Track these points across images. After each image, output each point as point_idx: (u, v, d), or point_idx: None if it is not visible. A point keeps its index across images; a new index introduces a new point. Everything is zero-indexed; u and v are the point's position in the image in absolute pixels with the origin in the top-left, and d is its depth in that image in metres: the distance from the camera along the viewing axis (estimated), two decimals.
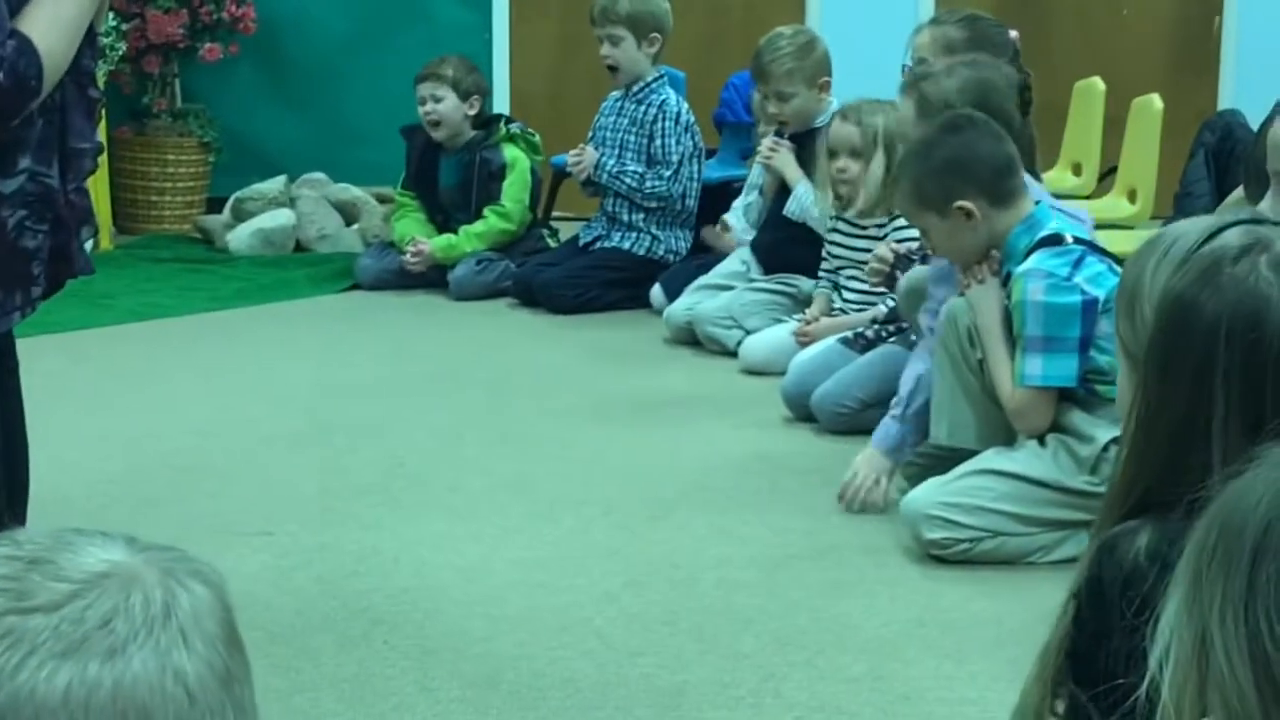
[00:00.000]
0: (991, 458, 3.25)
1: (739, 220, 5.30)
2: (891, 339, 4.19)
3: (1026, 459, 3.20)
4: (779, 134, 5.03)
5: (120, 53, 6.21)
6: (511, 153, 5.81)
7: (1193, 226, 1.58)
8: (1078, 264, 3.18)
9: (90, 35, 2.61)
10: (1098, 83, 5.85)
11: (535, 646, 2.72)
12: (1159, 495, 1.48)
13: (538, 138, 5.91)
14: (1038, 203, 3.34)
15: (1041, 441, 3.21)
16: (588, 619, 2.85)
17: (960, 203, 3.26)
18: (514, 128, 5.88)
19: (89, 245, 2.82)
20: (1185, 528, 1.30)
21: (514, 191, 5.79)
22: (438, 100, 5.77)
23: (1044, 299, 3.14)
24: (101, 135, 2.86)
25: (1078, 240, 3.24)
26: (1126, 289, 1.65)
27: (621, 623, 2.84)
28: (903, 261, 4.16)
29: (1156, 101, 5.30)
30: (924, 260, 4.08)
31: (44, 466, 2.73)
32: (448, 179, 5.86)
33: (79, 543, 0.84)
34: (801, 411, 4.15)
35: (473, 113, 5.83)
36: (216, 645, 0.84)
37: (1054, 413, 3.21)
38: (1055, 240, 3.22)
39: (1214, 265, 1.49)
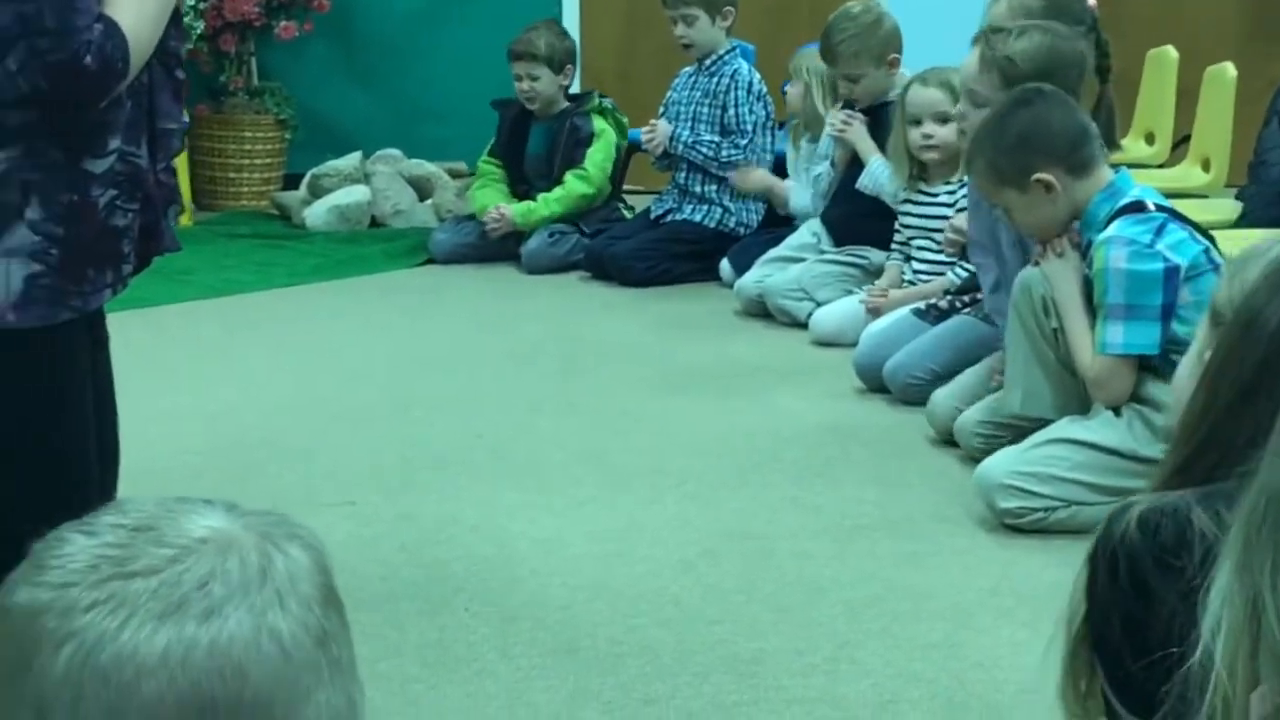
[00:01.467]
0: (1066, 426, 3.26)
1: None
2: (965, 310, 4.20)
3: (1101, 428, 3.21)
4: (850, 106, 5.04)
5: (198, 31, 6.29)
6: (599, 124, 5.85)
7: None
8: (1160, 231, 3.17)
9: (176, 17, 2.67)
10: (1170, 51, 5.81)
11: (613, 615, 2.77)
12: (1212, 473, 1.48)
13: (626, 119, 5.94)
14: (1117, 170, 3.33)
15: (1117, 411, 3.21)
16: (664, 588, 2.89)
17: (1038, 176, 3.25)
18: (606, 102, 5.93)
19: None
20: (1185, 499, 1.33)
21: (598, 157, 5.83)
22: (534, 79, 5.82)
23: (1126, 266, 3.14)
24: None
25: (1159, 207, 3.24)
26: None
27: (698, 592, 2.88)
28: None
29: (1230, 70, 5.26)
30: None
31: (129, 440, 2.79)
32: (536, 145, 5.91)
33: (181, 510, 0.88)
34: (874, 382, 4.17)
35: (566, 83, 5.89)
36: (312, 606, 0.87)
37: (1134, 381, 3.21)
38: (1137, 207, 3.22)
39: None
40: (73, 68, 2.47)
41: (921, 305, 4.35)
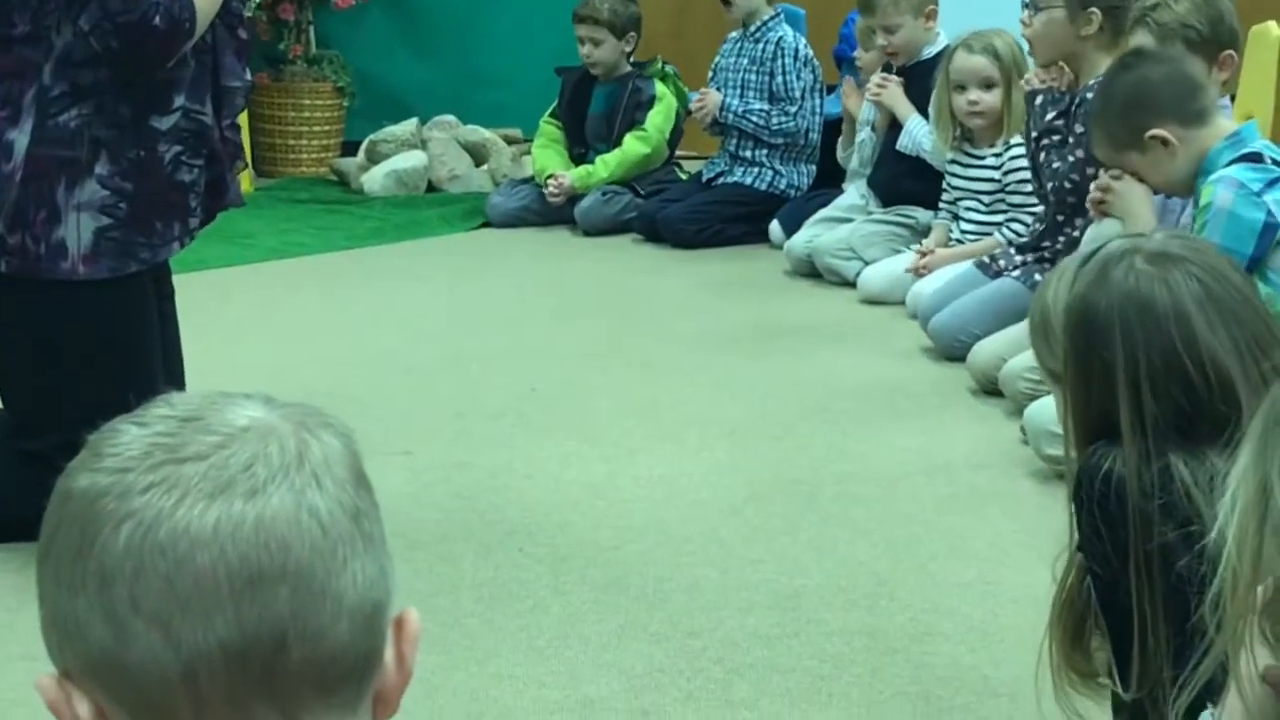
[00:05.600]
0: None
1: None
2: (1014, 272, 4.23)
3: None
4: (887, 69, 5.11)
5: (257, 0, 6.41)
6: (660, 88, 5.94)
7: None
8: (1272, 184, 3.19)
9: None
10: (1273, 28, 5.63)
11: (661, 554, 2.87)
12: None
13: (686, 89, 6.02)
14: (1247, 120, 3.36)
15: None
16: (711, 529, 2.99)
17: (1152, 133, 3.27)
18: (669, 68, 6.01)
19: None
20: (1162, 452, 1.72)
21: (658, 120, 5.91)
22: (596, 44, 5.92)
23: (1230, 208, 3.11)
24: None
25: (1276, 162, 3.26)
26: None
27: (743, 533, 2.98)
28: None
29: (1274, 29, 5.20)
30: None
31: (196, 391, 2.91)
32: (597, 106, 6.01)
33: (224, 402, 0.95)
34: None
35: (629, 49, 5.98)
36: (345, 486, 0.94)
37: None
38: (1255, 157, 3.23)
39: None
40: (142, 28, 2.59)
41: (985, 259, 4.39)
